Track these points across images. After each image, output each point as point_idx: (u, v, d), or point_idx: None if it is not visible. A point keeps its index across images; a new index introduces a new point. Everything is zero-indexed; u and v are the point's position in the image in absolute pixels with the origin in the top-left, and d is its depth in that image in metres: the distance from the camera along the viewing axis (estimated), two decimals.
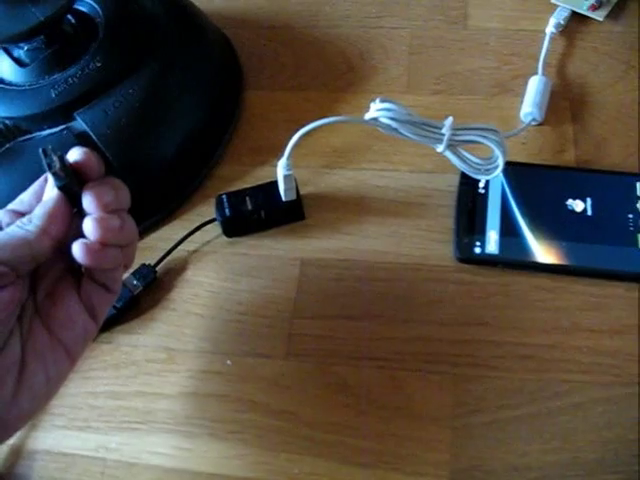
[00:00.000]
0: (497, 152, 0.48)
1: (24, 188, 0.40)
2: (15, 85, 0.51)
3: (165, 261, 0.51)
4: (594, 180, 0.51)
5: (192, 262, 0.52)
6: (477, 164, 0.49)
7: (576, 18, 0.61)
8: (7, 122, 0.50)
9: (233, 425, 0.45)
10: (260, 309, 0.49)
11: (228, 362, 0.48)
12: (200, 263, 0.52)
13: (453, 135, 0.47)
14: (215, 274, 0.51)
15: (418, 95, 0.58)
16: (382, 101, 0.47)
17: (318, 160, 0.55)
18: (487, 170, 0.49)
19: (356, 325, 0.48)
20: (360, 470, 0.43)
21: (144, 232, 0.53)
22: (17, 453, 0.46)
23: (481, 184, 0.52)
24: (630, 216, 0.49)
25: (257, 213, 0.52)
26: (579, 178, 0.51)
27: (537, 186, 0.51)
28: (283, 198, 0.52)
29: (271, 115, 0.58)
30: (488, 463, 0.42)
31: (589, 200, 0.50)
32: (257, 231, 0.53)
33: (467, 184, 0.52)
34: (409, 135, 0.47)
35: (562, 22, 0.60)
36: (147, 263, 0.51)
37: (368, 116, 0.47)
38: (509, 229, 0.49)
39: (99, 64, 0.51)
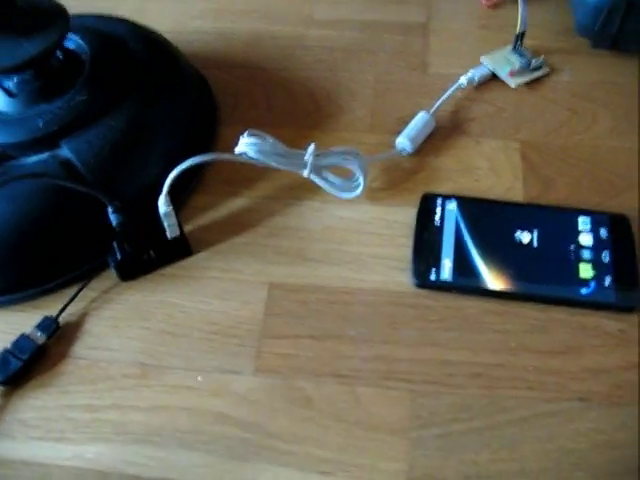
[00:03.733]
0: (358, 173, 0.54)
1: (7, 210, 0.43)
2: (3, 114, 0.54)
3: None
4: (540, 215, 0.56)
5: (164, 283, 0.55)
6: (341, 185, 0.55)
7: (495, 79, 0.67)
8: None
9: (203, 436, 0.47)
10: (230, 329, 0.52)
11: (199, 378, 0.50)
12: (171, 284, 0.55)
13: (316, 160, 0.53)
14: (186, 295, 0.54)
15: (380, 134, 0.62)
16: (249, 135, 0.52)
17: (286, 192, 0.59)
18: (350, 189, 0.56)
19: (320, 344, 0.51)
20: (320, 478, 0.45)
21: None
22: None
23: (437, 217, 0.56)
24: (572, 247, 0.53)
25: (146, 253, 0.54)
26: (526, 212, 0.56)
27: (488, 219, 0.55)
28: (168, 235, 0.54)
29: None
30: (441, 472, 0.45)
31: (535, 232, 0.54)
32: (150, 271, 0.56)
33: (424, 217, 0.56)
34: (276, 165, 0.53)
35: (476, 78, 0.65)
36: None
37: (238, 150, 0.53)
38: (462, 258, 0.53)
39: (84, 97, 0.54)
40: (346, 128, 0.63)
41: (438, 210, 0.56)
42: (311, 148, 0.54)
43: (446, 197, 0.57)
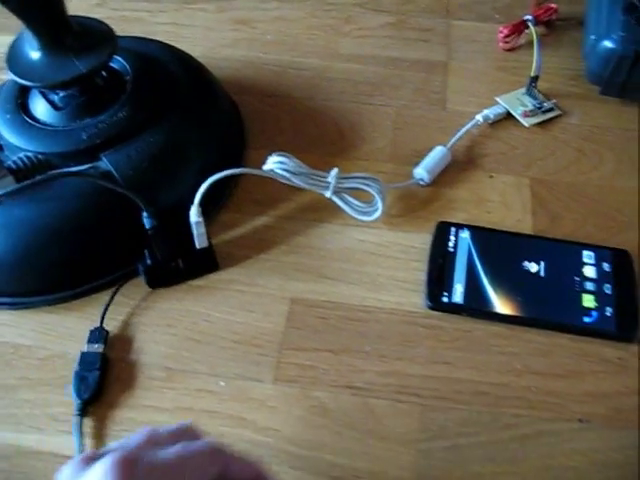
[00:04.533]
0: (377, 198, 0.59)
1: (50, 214, 0.47)
2: (49, 125, 0.58)
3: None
4: (547, 247, 0.59)
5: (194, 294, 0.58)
6: (360, 207, 0.60)
7: (509, 117, 0.71)
8: (40, 157, 0.55)
9: (223, 438, 0.50)
10: (253, 339, 0.55)
11: (221, 383, 0.53)
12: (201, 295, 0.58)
13: (338, 183, 0.58)
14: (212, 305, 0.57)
15: (398, 164, 0.66)
16: (277, 155, 0.57)
17: (309, 214, 0.63)
18: (369, 212, 0.60)
19: (337, 358, 0.54)
20: None
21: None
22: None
23: (450, 244, 0.59)
24: (576, 279, 0.57)
25: (175, 262, 0.58)
26: (534, 244, 0.59)
27: (498, 248, 0.59)
28: (197, 245, 0.57)
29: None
30: None
31: (542, 263, 0.58)
32: (177, 282, 0.59)
33: (439, 243, 0.59)
34: (301, 184, 0.58)
35: (491, 116, 0.69)
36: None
37: (266, 167, 0.57)
38: (473, 283, 0.57)
39: (126, 114, 0.58)
40: (367, 157, 0.67)
41: (452, 237, 0.60)
42: (334, 171, 0.58)
43: (460, 226, 0.60)
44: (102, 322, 0.56)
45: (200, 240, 0.57)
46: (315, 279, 0.58)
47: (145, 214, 0.55)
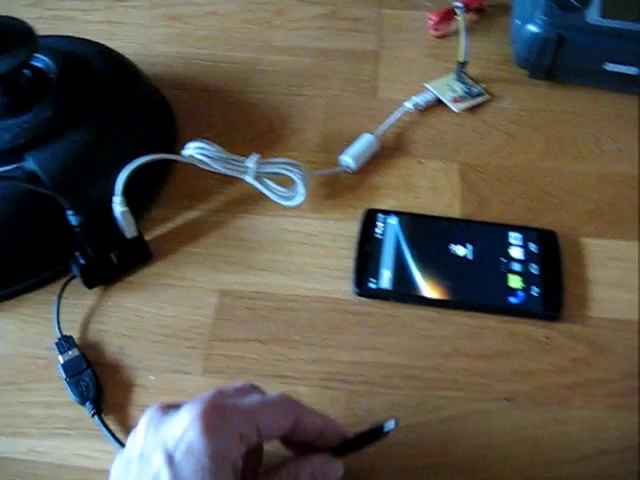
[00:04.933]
0: (298, 182, 0.59)
1: None
2: None
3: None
4: (475, 230, 0.60)
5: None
6: (282, 192, 0.60)
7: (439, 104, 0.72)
8: None
9: None
10: (182, 332, 0.55)
11: (150, 377, 0.53)
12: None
13: (258, 168, 0.59)
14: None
15: (328, 154, 0.67)
16: (197, 141, 0.58)
17: (239, 206, 0.63)
18: (290, 197, 0.60)
19: (265, 348, 0.54)
20: None
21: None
22: None
23: (378, 230, 0.59)
24: (503, 260, 0.58)
25: (108, 257, 0.57)
26: (462, 228, 0.60)
27: (426, 234, 0.59)
28: (127, 235, 0.57)
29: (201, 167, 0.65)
30: (376, 465, 0.48)
31: (470, 246, 0.58)
32: (113, 277, 0.58)
33: (366, 230, 0.60)
34: (220, 169, 0.59)
35: (421, 103, 0.70)
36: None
37: (185, 153, 0.57)
38: (400, 268, 0.57)
39: (50, 113, 0.58)
40: (296, 148, 0.67)
41: (380, 224, 0.60)
42: (253, 156, 0.59)
43: (387, 212, 0.61)
44: (60, 331, 0.55)
45: (129, 230, 0.57)
46: (245, 270, 0.59)
47: (70, 212, 0.55)
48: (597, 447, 0.49)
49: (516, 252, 0.58)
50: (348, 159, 0.64)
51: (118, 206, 0.56)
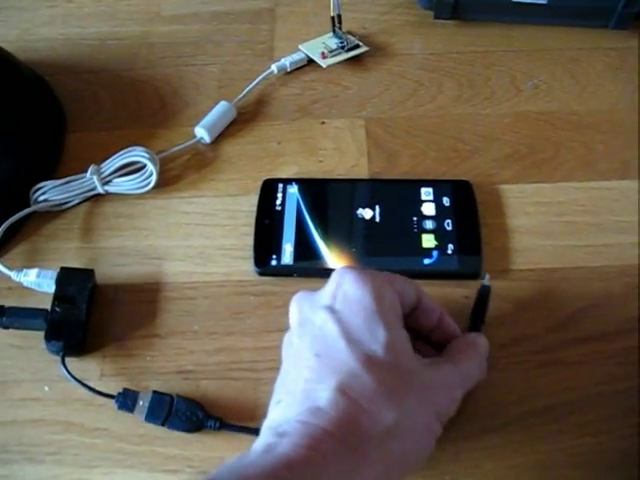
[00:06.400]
0: (148, 164, 0.56)
1: None
2: None
3: None
4: (382, 189, 0.56)
5: None
6: (135, 182, 0.57)
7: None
8: None
9: (49, 447, 0.47)
10: None
11: (46, 388, 0.50)
12: None
13: (102, 174, 0.56)
14: None
15: None
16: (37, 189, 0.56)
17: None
18: (146, 182, 0.57)
19: (164, 342, 0.51)
20: (168, 476, 0.45)
21: None
22: None
23: (278, 202, 0.55)
24: (415, 219, 0.54)
25: None
26: (368, 188, 0.56)
27: (329, 199, 0.55)
28: None
29: (90, 155, 0.59)
30: None
31: (377, 208, 0.54)
32: None
33: (265, 203, 0.56)
34: (75, 200, 0.57)
35: (287, 64, 0.65)
36: None
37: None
38: (303, 241, 0.53)
39: None
40: (190, 123, 0.62)
41: (279, 195, 0.56)
42: (90, 168, 0.56)
43: (287, 181, 0.57)
44: None
45: None
46: (140, 262, 0.55)
47: None
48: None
49: (428, 208, 0.54)
50: (202, 130, 0.60)
51: None
